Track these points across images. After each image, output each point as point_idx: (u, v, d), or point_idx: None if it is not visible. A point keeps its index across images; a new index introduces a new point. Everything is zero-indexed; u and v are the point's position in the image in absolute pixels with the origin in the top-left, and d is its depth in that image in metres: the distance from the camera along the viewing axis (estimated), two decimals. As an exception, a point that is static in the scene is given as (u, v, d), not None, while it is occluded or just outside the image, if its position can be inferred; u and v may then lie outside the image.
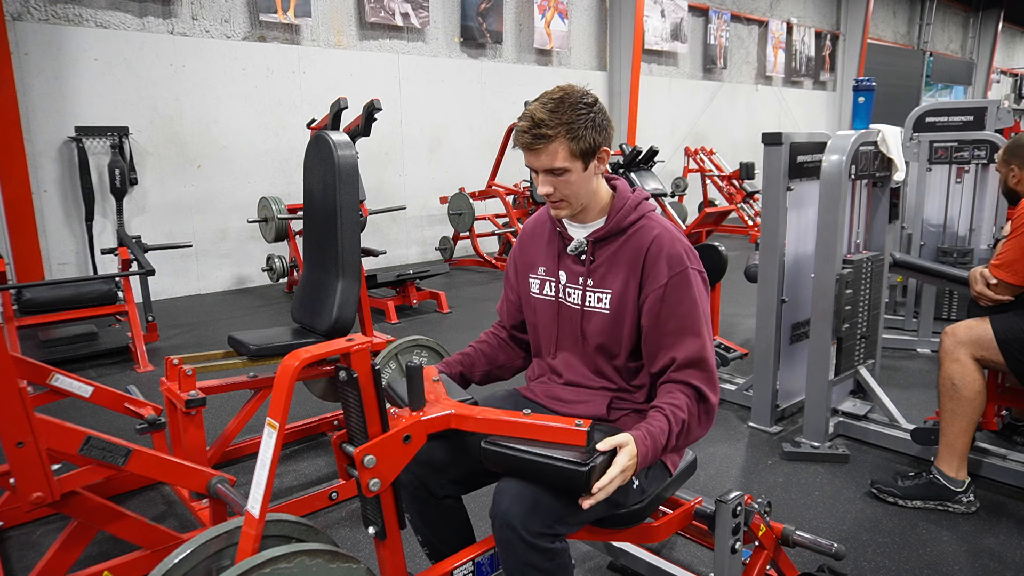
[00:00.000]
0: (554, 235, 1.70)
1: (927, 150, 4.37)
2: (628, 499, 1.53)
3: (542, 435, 1.38)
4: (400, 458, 1.39)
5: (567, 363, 1.68)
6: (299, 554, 1.26)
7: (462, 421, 1.44)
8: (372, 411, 1.37)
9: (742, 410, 3.39)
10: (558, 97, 1.49)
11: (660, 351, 1.55)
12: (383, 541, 1.47)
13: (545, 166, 1.51)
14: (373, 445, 1.35)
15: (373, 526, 1.46)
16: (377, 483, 1.36)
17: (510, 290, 1.83)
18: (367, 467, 1.34)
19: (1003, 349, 2.38)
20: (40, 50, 5.33)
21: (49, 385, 2.28)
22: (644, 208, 1.62)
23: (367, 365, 1.38)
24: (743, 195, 9.03)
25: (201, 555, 1.38)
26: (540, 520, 1.35)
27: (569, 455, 1.33)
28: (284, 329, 2.81)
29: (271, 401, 1.38)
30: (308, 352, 1.36)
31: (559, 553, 1.39)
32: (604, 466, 1.34)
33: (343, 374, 1.38)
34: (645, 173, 6.13)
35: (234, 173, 6.45)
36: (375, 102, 4.43)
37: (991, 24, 18.42)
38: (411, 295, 5.63)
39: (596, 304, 1.60)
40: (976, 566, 2.17)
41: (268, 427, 1.37)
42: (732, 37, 11.63)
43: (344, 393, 1.40)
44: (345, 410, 1.42)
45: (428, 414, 1.42)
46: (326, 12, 6.87)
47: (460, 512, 1.71)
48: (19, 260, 5.31)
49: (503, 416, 1.42)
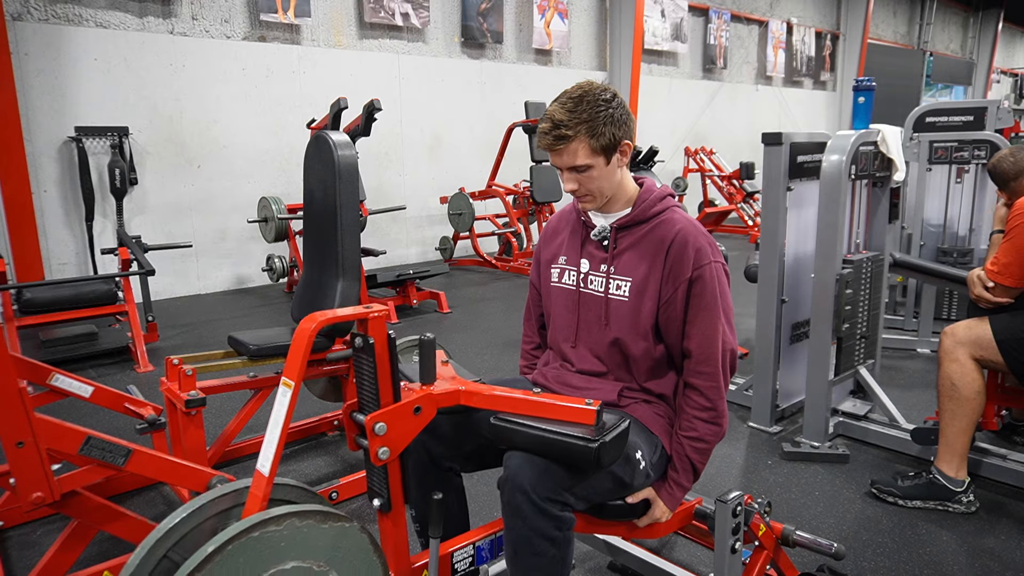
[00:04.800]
0: (578, 224, 1.73)
1: (927, 150, 4.37)
2: (634, 478, 1.54)
3: (552, 413, 1.39)
4: (410, 429, 1.40)
5: (581, 354, 1.69)
6: (288, 516, 1.23)
7: (471, 397, 1.45)
8: (385, 379, 1.38)
9: (742, 410, 3.39)
10: (576, 96, 1.53)
11: (681, 343, 1.62)
12: (387, 514, 1.47)
13: (568, 164, 1.55)
14: (384, 413, 1.36)
15: (379, 498, 1.46)
16: (386, 452, 1.37)
17: (534, 289, 1.87)
18: (378, 435, 1.35)
19: (1002, 349, 2.38)
20: (40, 50, 5.33)
21: (49, 385, 2.28)
22: (669, 202, 1.67)
23: (384, 332, 1.38)
24: (743, 195, 9.04)
25: (208, 512, 1.37)
26: (551, 485, 1.37)
27: (579, 431, 1.34)
28: (284, 329, 2.81)
29: (287, 361, 1.38)
30: (325, 315, 1.36)
31: (566, 523, 1.40)
32: (614, 444, 1.35)
33: (359, 340, 1.39)
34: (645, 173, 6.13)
35: (234, 173, 6.45)
36: (375, 102, 4.43)
37: (991, 24, 18.41)
38: (411, 295, 5.63)
39: (615, 291, 1.63)
40: (976, 566, 2.17)
41: (283, 386, 1.37)
42: (732, 37, 11.63)
43: (358, 360, 1.41)
44: (358, 378, 1.42)
45: (439, 388, 1.43)
46: (326, 12, 6.87)
47: (459, 488, 1.73)
48: (19, 260, 5.31)
49: (512, 393, 1.43)
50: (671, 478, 1.61)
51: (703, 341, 1.59)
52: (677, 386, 1.68)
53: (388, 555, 1.48)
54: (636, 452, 1.53)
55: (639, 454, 1.54)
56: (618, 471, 1.49)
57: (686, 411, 1.62)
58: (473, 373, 1.60)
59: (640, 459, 1.54)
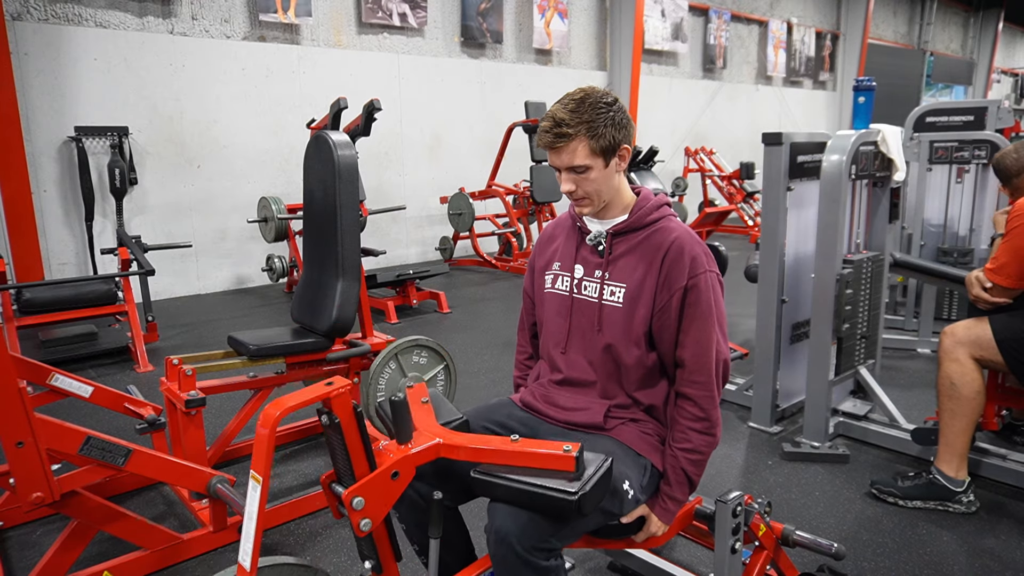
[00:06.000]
0: (573, 230, 1.73)
1: (927, 150, 4.36)
2: (624, 509, 1.53)
3: (530, 462, 1.37)
4: (389, 495, 1.39)
5: (571, 360, 1.68)
6: None
7: (450, 451, 1.43)
8: (357, 453, 1.38)
9: (742, 410, 3.39)
10: (579, 98, 1.54)
11: (675, 351, 1.61)
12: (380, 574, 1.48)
13: (567, 164, 1.56)
14: (361, 487, 1.35)
15: (369, 560, 1.47)
16: (368, 523, 1.36)
17: (528, 298, 1.86)
18: (356, 509, 1.34)
19: (1002, 349, 2.38)
20: (40, 50, 5.33)
21: (49, 385, 2.29)
22: (666, 210, 1.67)
23: (348, 409, 1.38)
24: (743, 195, 9.03)
25: None
26: (535, 535, 1.35)
27: (559, 483, 1.32)
28: (284, 329, 2.81)
29: (253, 454, 1.38)
30: (290, 400, 1.37)
31: (554, 570, 1.39)
32: (595, 492, 1.34)
33: (325, 419, 1.38)
34: (645, 173, 6.13)
35: (234, 173, 6.45)
36: (375, 102, 4.43)
37: (991, 24, 18.41)
38: (411, 295, 5.63)
39: (609, 298, 1.63)
40: (976, 566, 2.17)
41: (252, 480, 1.37)
42: (732, 37, 11.63)
43: (328, 436, 1.40)
44: (331, 452, 1.42)
45: (416, 446, 1.41)
46: (326, 12, 6.87)
47: (457, 520, 1.72)
48: (19, 260, 5.31)
49: (490, 445, 1.41)
50: (664, 493, 1.60)
51: (697, 350, 1.58)
52: (668, 396, 1.66)
53: None
54: (623, 483, 1.51)
55: (626, 484, 1.52)
56: (606, 505, 1.47)
57: (680, 422, 1.60)
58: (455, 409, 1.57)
59: (628, 489, 1.52)
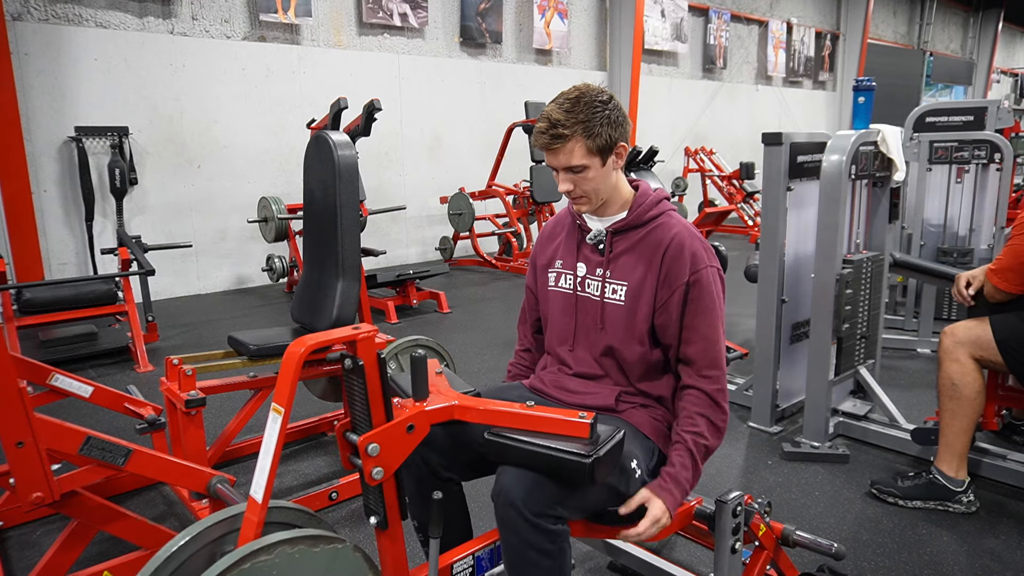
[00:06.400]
0: (574, 228, 1.73)
1: (927, 150, 4.36)
2: (630, 488, 1.53)
3: (545, 427, 1.38)
4: (403, 447, 1.39)
5: (579, 357, 1.69)
6: (279, 544, 1.23)
7: (465, 412, 1.44)
8: (377, 399, 1.37)
9: (742, 410, 3.39)
10: (574, 97, 1.53)
11: (677, 348, 1.61)
12: (384, 531, 1.47)
13: (564, 164, 1.56)
14: (377, 433, 1.35)
15: (375, 515, 1.45)
16: (380, 472, 1.36)
17: (530, 293, 1.86)
18: (371, 455, 1.34)
19: (1002, 349, 2.38)
20: (40, 50, 5.33)
21: (49, 385, 2.28)
22: (665, 206, 1.67)
23: (373, 353, 1.38)
24: (743, 195, 9.03)
25: (204, 540, 1.38)
26: (542, 500, 1.36)
27: (573, 447, 1.33)
28: (284, 329, 2.81)
29: (276, 386, 1.38)
30: (314, 338, 1.36)
31: (560, 535, 1.39)
32: (609, 458, 1.34)
33: (348, 362, 1.38)
34: (645, 173, 6.14)
35: (234, 173, 6.45)
36: (375, 102, 4.42)
37: (991, 24, 18.41)
38: (411, 295, 5.63)
39: (611, 296, 1.63)
40: (976, 566, 2.18)
41: (273, 412, 1.37)
42: (732, 37, 11.63)
43: (349, 381, 1.40)
44: (349, 398, 1.41)
45: (432, 404, 1.42)
46: (326, 12, 6.87)
47: (460, 497, 1.72)
48: (19, 260, 5.31)
49: (506, 408, 1.42)
50: (669, 475, 1.54)
51: (705, 345, 1.59)
52: (675, 389, 1.67)
53: (387, 571, 1.48)
54: (632, 461, 1.52)
55: (635, 463, 1.53)
56: (613, 482, 1.47)
57: (688, 409, 1.59)
58: (467, 383, 1.57)
59: (636, 468, 1.52)
